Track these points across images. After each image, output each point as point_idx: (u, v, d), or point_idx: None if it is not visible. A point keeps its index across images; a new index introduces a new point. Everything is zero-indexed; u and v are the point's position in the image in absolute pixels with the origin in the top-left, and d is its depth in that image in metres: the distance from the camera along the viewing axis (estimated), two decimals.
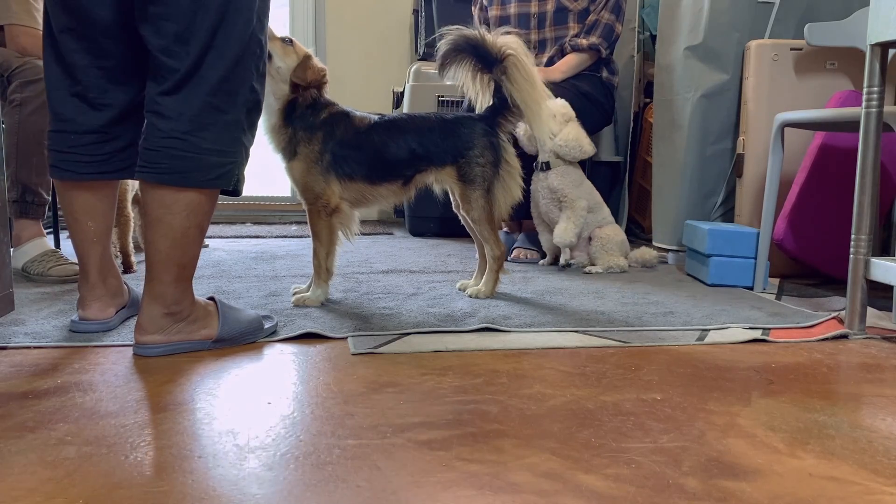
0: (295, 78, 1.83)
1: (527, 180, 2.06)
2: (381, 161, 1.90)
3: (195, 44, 1.34)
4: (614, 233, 2.52)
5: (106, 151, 1.49)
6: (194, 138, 1.35)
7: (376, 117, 1.95)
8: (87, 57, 1.43)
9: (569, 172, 2.49)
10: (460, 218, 2.07)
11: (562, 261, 2.43)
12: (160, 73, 1.36)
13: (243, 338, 1.53)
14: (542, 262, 2.66)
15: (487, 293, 2.01)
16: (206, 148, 1.37)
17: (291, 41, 1.86)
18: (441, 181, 1.99)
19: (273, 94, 1.83)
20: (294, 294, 1.96)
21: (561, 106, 2.51)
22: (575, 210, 2.45)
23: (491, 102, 2.00)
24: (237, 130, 1.42)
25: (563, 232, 2.44)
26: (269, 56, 1.78)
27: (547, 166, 2.50)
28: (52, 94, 1.48)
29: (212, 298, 1.54)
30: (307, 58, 1.85)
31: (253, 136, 1.48)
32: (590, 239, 2.51)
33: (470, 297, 2.01)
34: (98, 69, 1.44)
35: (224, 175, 1.40)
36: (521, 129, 2.47)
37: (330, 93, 1.94)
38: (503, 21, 2.95)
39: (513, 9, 2.91)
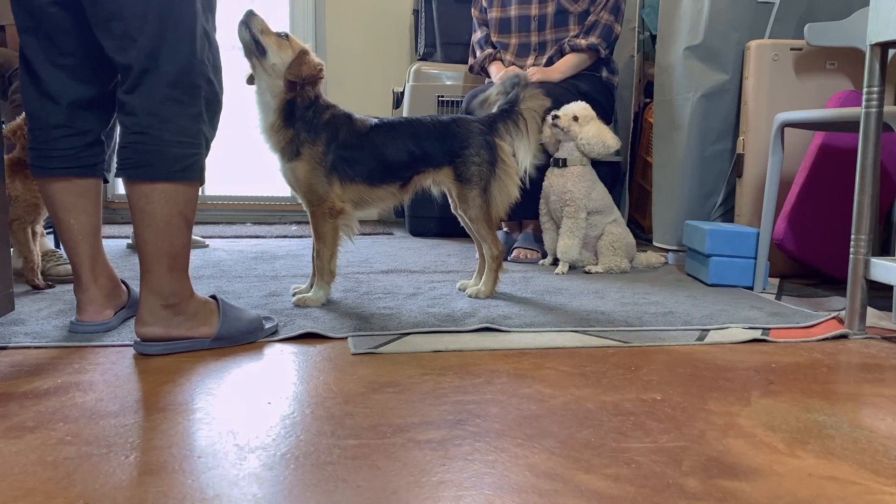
0: (289, 75, 1.79)
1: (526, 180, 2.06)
2: (380, 163, 1.91)
3: (144, 39, 1.36)
4: (626, 233, 2.53)
5: (73, 146, 1.52)
6: (156, 131, 1.38)
7: (375, 120, 1.95)
8: (47, 55, 1.47)
9: (585, 175, 2.49)
10: (458, 218, 2.07)
11: (558, 270, 2.44)
12: (121, 73, 1.40)
13: (243, 337, 1.53)
14: (542, 261, 2.66)
15: (487, 293, 2.01)
16: (168, 140, 1.39)
17: (287, 36, 1.83)
18: (439, 182, 1.99)
19: (270, 92, 1.81)
20: (294, 294, 1.96)
21: (582, 108, 2.51)
22: (577, 221, 2.45)
23: (498, 109, 2.00)
24: (199, 122, 1.44)
25: (567, 248, 2.45)
26: (265, 52, 1.78)
27: (564, 163, 2.50)
28: (23, 93, 1.53)
29: (213, 297, 1.54)
30: (303, 52, 1.82)
31: (213, 129, 1.50)
32: (601, 235, 2.52)
33: (470, 297, 2.01)
34: (58, 67, 1.48)
35: (189, 167, 1.42)
36: (545, 132, 2.46)
37: (330, 93, 1.94)
38: (503, 23, 2.95)
39: (513, 11, 2.92)
